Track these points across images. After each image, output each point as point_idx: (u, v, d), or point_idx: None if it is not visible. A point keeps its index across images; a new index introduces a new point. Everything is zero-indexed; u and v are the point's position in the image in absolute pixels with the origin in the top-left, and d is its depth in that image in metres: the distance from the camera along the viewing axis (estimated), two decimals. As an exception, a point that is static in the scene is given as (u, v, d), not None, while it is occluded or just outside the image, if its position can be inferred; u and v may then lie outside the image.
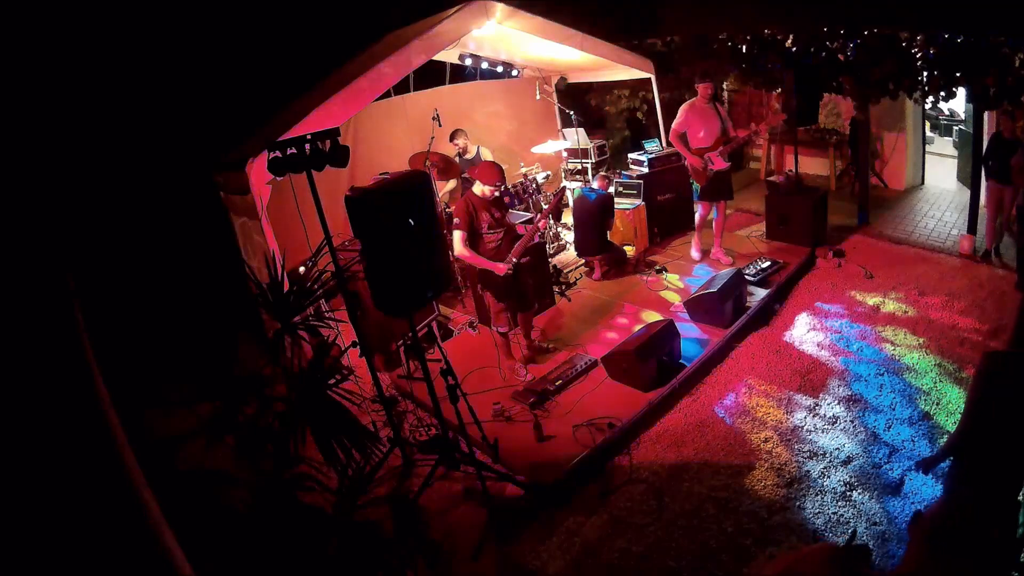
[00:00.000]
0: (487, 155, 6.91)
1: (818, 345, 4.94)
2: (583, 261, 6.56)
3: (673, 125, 6.09)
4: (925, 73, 6.10)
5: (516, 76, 8.12)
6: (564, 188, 7.12)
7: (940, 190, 8.03)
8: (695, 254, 6.55)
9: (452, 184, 6.87)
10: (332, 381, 3.21)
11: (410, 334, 3.82)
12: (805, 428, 4.05)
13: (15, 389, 1.24)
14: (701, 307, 5.21)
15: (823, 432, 3.99)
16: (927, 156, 8.41)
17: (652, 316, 5.42)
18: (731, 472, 3.77)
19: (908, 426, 3.93)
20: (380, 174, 5.82)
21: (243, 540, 2.35)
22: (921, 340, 4.82)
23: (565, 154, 8.14)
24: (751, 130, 6.16)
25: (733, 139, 5.97)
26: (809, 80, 6.36)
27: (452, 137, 6.82)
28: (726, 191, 6.17)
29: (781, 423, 4.13)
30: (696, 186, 6.16)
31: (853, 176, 7.97)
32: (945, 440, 3.58)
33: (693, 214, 7.58)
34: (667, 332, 4.64)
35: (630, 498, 3.67)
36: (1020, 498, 1.80)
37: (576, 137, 7.65)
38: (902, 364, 4.56)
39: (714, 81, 6.18)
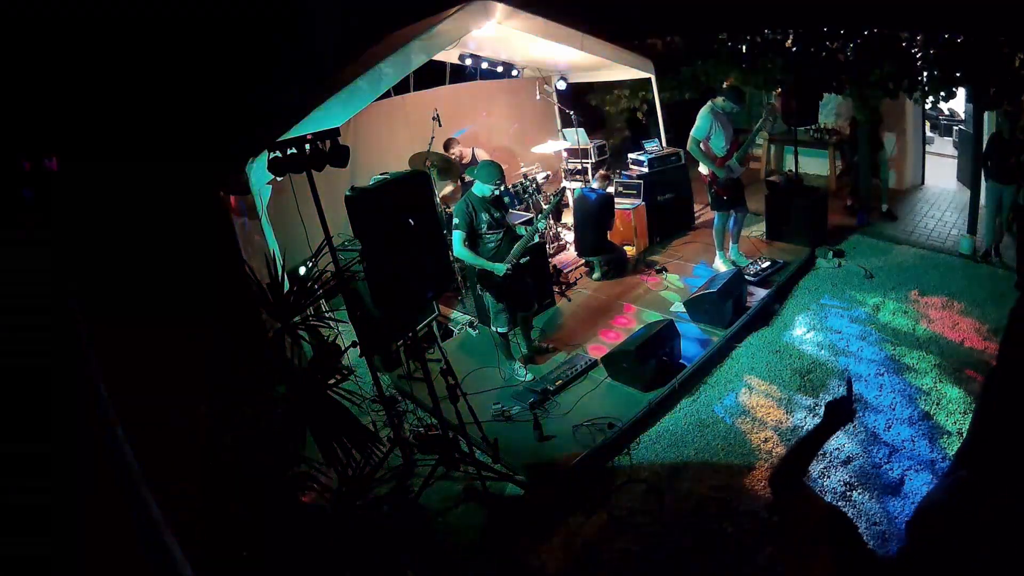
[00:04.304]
0: (483, 157, 6.90)
1: (818, 345, 4.94)
2: (583, 261, 6.56)
3: (694, 133, 5.64)
4: (925, 73, 6.10)
5: (516, 76, 8.12)
6: (564, 188, 7.12)
7: (940, 190, 8.02)
8: (721, 266, 6.16)
9: (449, 188, 6.84)
10: (332, 381, 3.21)
11: (410, 334, 3.82)
12: (805, 428, 4.05)
13: (15, 387, 1.24)
14: (701, 307, 5.21)
15: (823, 432, 3.99)
16: (927, 156, 8.40)
17: (652, 316, 5.42)
18: (731, 472, 3.77)
19: (908, 426, 3.93)
20: (380, 174, 5.81)
21: (243, 540, 2.35)
22: (921, 340, 4.82)
23: (565, 154, 8.14)
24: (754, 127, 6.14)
25: (737, 141, 5.89)
26: (809, 80, 6.35)
27: (446, 147, 6.79)
28: (743, 196, 6.03)
29: (781, 423, 4.14)
30: (715, 196, 5.86)
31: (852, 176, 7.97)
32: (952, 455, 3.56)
33: (693, 214, 7.61)
34: (667, 332, 4.64)
35: (630, 498, 3.67)
36: None
37: (576, 137, 7.66)
38: (902, 364, 4.56)
39: (739, 101, 5.65)
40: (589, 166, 7.57)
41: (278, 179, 4.24)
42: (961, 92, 6.58)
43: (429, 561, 3.32)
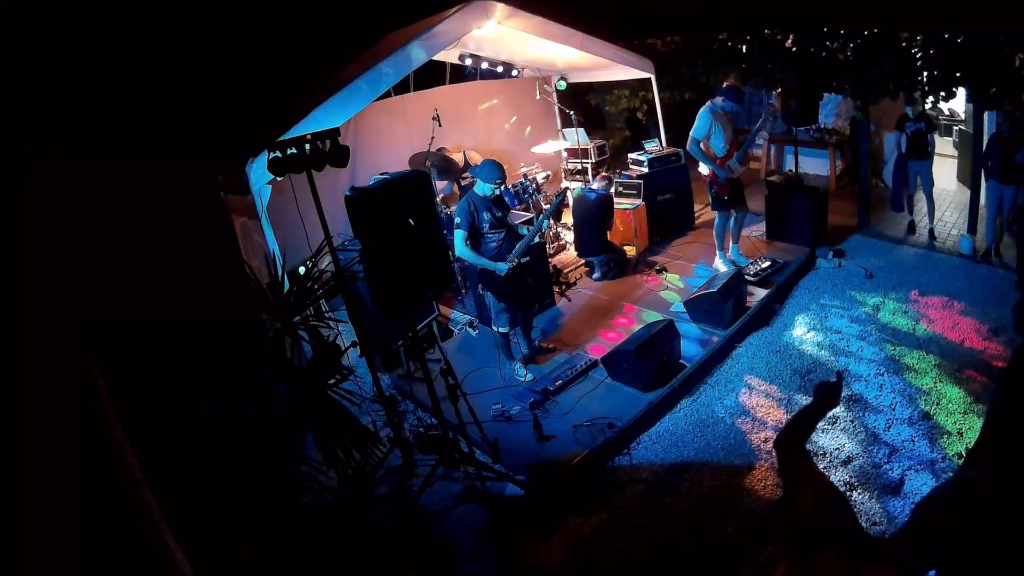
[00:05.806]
0: (476, 160, 6.89)
1: (818, 345, 4.94)
2: (583, 261, 6.56)
3: (694, 133, 5.65)
4: (925, 73, 6.10)
5: (516, 76, 8.12)
6: (567, 189, 7.11)
7: (940, 190, 8.01)
8: (721, 266, 6.14)
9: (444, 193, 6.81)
10: (332, 381, 3.22)
11: (410, 334, 3.82)
12: (805, 428, 4.05)
13: (13, 384, 1.24)
14: (701, 307, 5.21)
15: (823, 432, 3.99)
16: (927, 156, 8.39)
17: (652, 316, 5.42)
18: (731, 472, 3.77)
19: (908, 426, 3.93)
20: (380, 174, 5.80)
21: (244, 540, 2.35)
22: (921, 340, 4.82)
23: (565, 154, 8.14)
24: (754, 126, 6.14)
25: (737, 141, 5.87)
26: (809, 80, 6.35)
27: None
28: (743, 196, 6.05)
29: (781, 423, 4.13)
30: (715, 196, 5.87)
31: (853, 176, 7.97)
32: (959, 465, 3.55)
33: (693, 214, 7.61)
34: (667, 332, 4.63)
35: (630, 498, 3.67)
36: None
37: (576, 137, 7.65)
38: (902, 364, 4.56)
39: (738, 100, 5.68)
40: (589, 166, 7.57)
41: (278, 179, 4.24)
42: (961, 92, 6.58)
43: (429, 561, 3.33)
